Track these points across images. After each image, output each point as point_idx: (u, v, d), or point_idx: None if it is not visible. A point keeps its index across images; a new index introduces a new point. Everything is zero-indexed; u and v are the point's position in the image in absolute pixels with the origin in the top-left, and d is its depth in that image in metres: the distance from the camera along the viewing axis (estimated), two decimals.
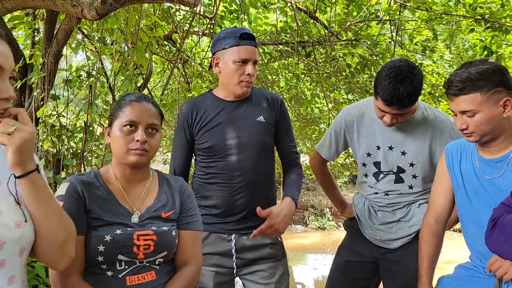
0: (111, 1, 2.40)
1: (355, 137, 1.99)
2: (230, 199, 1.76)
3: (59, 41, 3.02)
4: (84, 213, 1.30)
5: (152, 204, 1.40)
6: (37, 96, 3.01)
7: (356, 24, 4.53)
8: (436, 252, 1.70)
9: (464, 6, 4.17)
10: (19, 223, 1.00)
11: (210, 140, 1.77)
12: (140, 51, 3.03)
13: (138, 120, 1.34)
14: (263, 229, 1.70)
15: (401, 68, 1.67)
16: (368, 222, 2.02)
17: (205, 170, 1.81)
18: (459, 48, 5.39)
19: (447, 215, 1.69)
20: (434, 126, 1.85)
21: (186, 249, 1.42)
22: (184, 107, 1.84)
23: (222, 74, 1.77)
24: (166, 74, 5.06)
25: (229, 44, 1.72)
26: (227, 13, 4.85)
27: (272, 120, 1.83)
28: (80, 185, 1.33)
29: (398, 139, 1.89)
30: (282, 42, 4.56)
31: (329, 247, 8.61)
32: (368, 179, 2.00)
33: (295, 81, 5.58)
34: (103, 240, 1.27)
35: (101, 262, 1.28)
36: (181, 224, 1.43)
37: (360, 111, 1.98)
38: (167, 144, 9.15)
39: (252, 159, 1.77)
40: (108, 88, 3.57)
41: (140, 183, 1.42)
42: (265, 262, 1.81)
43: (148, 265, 1.33)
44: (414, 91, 1.66)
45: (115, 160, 1.40)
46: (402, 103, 1.67)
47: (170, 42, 4.88)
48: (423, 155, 1.87)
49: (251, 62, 1.73)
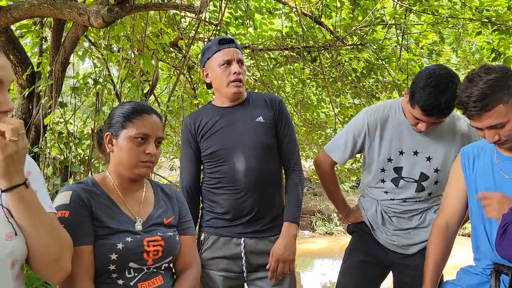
0: (117, 9, 2.43)
1: (377, 141, 1.90)
2: (236, 202, 1.77)
3: (66, 49, 3.05)
4: (91, 221, 1.28)
5: (154, 211, 1.41)
6: (45, 103, 3.04)
7: (362, 28, 4.52)
8: (444, 256, 1.66)
9: (471, 9, 4.15)
10: (10, 235, 0.98)
11: (212, 146, 1.79)
12: (146, 58, 3.05)
13: (150, 134, 1.35)
14: (273, 269, 1.74)
15: (442, 76, 1.60)
16: (382, 228, 1.96)
17: (211, 176, 1.83)
18: (465, 51, 5.35)
19: (459, 220, 1.64)
20: (463, 131, 1.81)
21: (187, 254, 1.45)
22: (187, 120, 1.88)
23: (213, 82, 1.83)
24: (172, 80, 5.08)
25: (211, 52, 1.80)
26: (233, 19, 4.87)
27: (272, 120, 1.84)
28: (83, 192, 1.30)
29: (425, 144, 1.83)
30: (287, 48, 4.57)
31: (337, 252, 8.55)
32: (385, 184, 1.94)
33: (301, 86, 5.58)
34: (115, 248, 1.26)
35: (112, 270, 1.27)
36: (180, 229, 1.46)
37: (384, 114, 1.89)
38: (173, 150, 9.18)
39: (255, 160, 1.77)
40: (115, 95, 3.59)
41: (137, 191, 1.42)
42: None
43: (155, 271, 1.34)
44: (454, 99, 1.55)
45: (115, 169, 1.38)
46: (443, 113, 1.62)
47: (176, 48, 4.90)
48: (449, 161, 1.80)
49: (235, 61, 1.78)
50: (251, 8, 4.71)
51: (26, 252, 1.02)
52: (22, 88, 3.19)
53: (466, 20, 4.17)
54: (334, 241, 9.56)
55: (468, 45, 5.42)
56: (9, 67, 0.99)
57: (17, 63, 3.10)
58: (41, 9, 2.63)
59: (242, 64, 1.82)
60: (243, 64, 1.83)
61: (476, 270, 1.55)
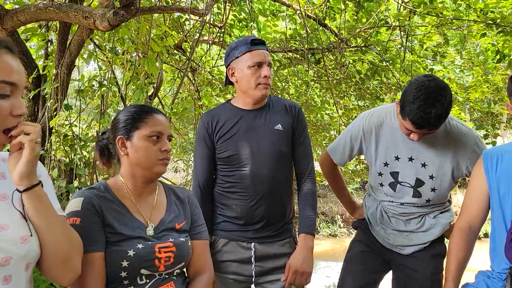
0: (123, 12, 2.44)
1: (373, 146, 1.94)
2: (249, 209, 1.76)
3: (72, 52, 3.07)
4: (102, 228, 1.27)
5: (165, 216, 1.40)
6: (50, 106, 3.05)
7: (366, 30, 4.52)
8: (466, 258, 1.64)
9: (475, 11, 4.14)
10: (25, 238, 1.00)
11: (229, 149, 1.77)
12: (150, 60, 3.06)
13: (163, 131, 1.37)
14: (290, 281, 1.73)
15: (431, 89, 1.59)
16: (380, 226, 1.99)
17: (225, 179, 1.81)
18: (470, 53, 5.34)
19: (481, 221, 1.63)
20: (458, 140, 1.80)
21: (199, 259, 1.43)
22: (205, 117, 1.85)
23: (239, 82, 1.79)
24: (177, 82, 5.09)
25: (242, 51, 1.76)
26: (237, 21, 4.89)
27: (290, 128, 1.83)
28: (95, 199, 1.29)
29: (420, 150, 1.84)
30: (291, 50, 4.57)
31: (341, 254, 8.52)
32: (384, 188, 1.96)
33: (305, 88, 5.57)
34: (126, 255, 1.25)
35: (123, 277, 1.26)
36: (192, 234, 1.44)
37: (379, 119, 1.92)
38: (177, 152, 9.19)
39: (270, 168, 1.76)
40: (120, 98, 3.60)
41: (150, 195, 1.41)
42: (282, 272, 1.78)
43: (167, 277, 1.33)
44: (445, 111, 1.59)
45: (130, 172, 1.38)
46: (434, 125, 1.62)
47: (180, 51, 4.91)
48: (444, 169, 1.82)
49: (265, 64, 1.75)
50: (255, 10, 4.72)
51: (39, 253, 1.04)
52: (28, 91, 3.20)
53: (471, 22, 4.16)
54: (338, 243, 9.54)
55: (472, 46, 5.41)
56: (23, 72, 1.02)
57: (23, 66, 3.11)
58: (47, 12, 2.65)
59: (270, 67, 1.79)
60: (271, 67, 1.80)
61: (493, 273, 1.54)
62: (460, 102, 5.16)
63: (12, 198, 1.02)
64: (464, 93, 5.22)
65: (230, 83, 1.87)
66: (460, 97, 5.19)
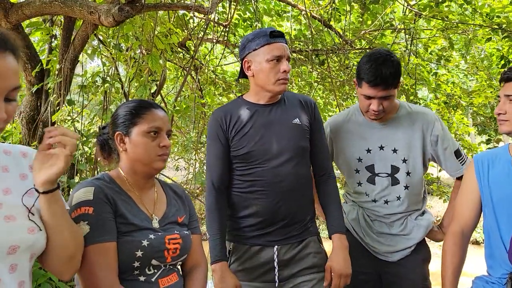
0: (128, 8, 2.43)
1: (343, 144, 1.98)
2: (272, 207, 1.67)
3: (75, 47, 3.06)
4: (114, 218, 1.26)
5: (168, 210, 1.41)
6: (53, 101, 3.05)
7: (371, 32, 4.51)
8: (461, 263, 1.64)
9: (481, 16, 4.12)
10: (32, 229, 1.01)
11: (247, 145, 1.67)
12: (154, 57, 3.05)
13: (162, 127, 1.36)
14: (335, 285, 1.66)
15: (380, 51, 1.82)
16: (366, 232, 1.97)
17: (243, 178, 1.71)
18: (475, 57, 5.33)
19: (473, 226, 1.64)
20: (421, 119, 1.90)
21: (196, 252, 1.45)
22: (217, 113, 1.75)
23: (256, 76, 1.69)
24: (180, 80, 5.09)
25: (260, 43, 1.66)
26: (241, 21, 4.88)
27: (307, 123, 1.76)
28: (106, 189, 1.29)
29: (388, 137, 1.90)
30: (295, 50, 4.56)
31: None
32: (363, 186, 1.95)
33: (308, 89, 5.56)
34: (141, 245, 1.25)
35: (136, 267, 1.26)
36: (190, 228, 1.46)
37: (345, 117, 2.02)
38: (178, 150, 9.18)
39: (292, 163, 1.68)
40: (123, 94, 3.60)
41: (150, 189, 1.42)
42: (309, 273, 1.71)
43: (172, 268, 1.35)
44: (395, 71, 1.77)
45: (130, 167, 1.37)
46: (387, 82, 1.75)
47: (184, 49, 4.91)
48: (414, 149, 1.89)
49: (284, 58, 1.66)
50: (260, 10, 4.72)
51: (44, 247, 1.05)
52: (31, 85, 3.20)
53: (476, 26, 4.15)
54: None
55: (477, 51, 5.39)
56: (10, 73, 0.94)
57: (27, 60, 3.11)
58: (52, 6, 2.64)
59: (289, 61, 1.70)
60: (289, 60, 1.71)
61: (492, 279, 1.53)
62: (464, 106, 5.14)
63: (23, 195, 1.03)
64: (467, 97, 5.20)
65: (244, 77, 1.78)
66: (463, 102, 5.18)
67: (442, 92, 5.17)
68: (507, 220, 1.46)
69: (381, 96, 1.77)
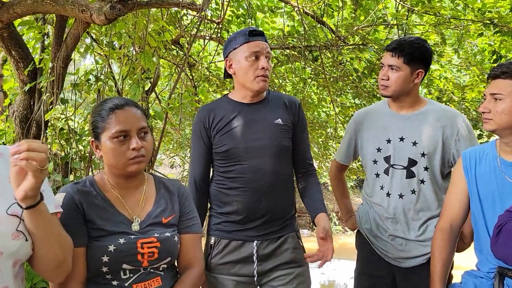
0: (120, 6, 2.43)
1: (366, 134, 2.02)
2: (252, 204, 1.71)
3: (68, 45, 3.05)
4: (84, 224, 1.27)
5: (152, 210, 1.37)
6: (46, 99, 3.04)
7: (364, 28, 4.52)
8: (450, 258, 1.67)
9: (473, 11, 4.15)
10: (16, 235, 1.00)
11: (228, 143, 1.72)
12: (147, 55, 3.05)
13: (128, 128, 1.28)
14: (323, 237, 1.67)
15: (413, 36, 1.97)
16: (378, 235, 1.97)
17: (224, 175, 1.75)
18: (467, 52, 5.36)
19: (461, 222, 1.66)
20: (446, 118, 1.89)
21: (189, 253, 1.41)
22: (201, 112, 1.79)
23: (237, 74, 1.74)
24: (174, 78, 5.08)
25: (239, 42, 1.70)
26: (234, 17, 4.87)
27: (290, 123, 1.79)
28: (77, 195, 1.29)
29: (410, 129, 1.90)
30: (289, 47, 4.56)
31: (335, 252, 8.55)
32: (379, 178, 1.96)
33: (302, 85, 5.58)
34: (106, 251, 1.25)
35: (105, 272, 1.26)
36: (182, 228, 1.42)
37: (369, 110, 2.10)
38: (174, 148, 9.18)
39: (272, 162, 1.72)
40: (116, 92, 3.59)
41: (137, 189, 1.39)
42: (287, 267, 1.76)
43: (153, 271, 1.32)
44: (414, 50, 1.84)
45: (109, 171, 1.36)
46: (403, 48, 1.84)
47: (177, 46, 4.90)
48: (435, 145, 1.87)
49: (263, 56, 1.69)
50: (253, 6, 4.71)
51: (30, 254, 1.05)
52: (24, 84, 3.19)
53: (468, 22, 4.17)
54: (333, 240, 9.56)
55: (469, 46, 5.42)
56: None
57: (19, 58, 3.10)
58: (43, 5, 2.63)
59: (269, 60, 1.72)
60: (270, 59, 1.74)
61: (480, 273, 1.56)
62: (456, 101, 5.18)
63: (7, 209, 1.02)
64: (460, 92, 5.23)
65: (229, 76, 1.82)
66: (456, 97, 5.21)
67: (435, 88, 5.20)
68: (493, 215, 1.48)
69: (390, 64, 1.87)
